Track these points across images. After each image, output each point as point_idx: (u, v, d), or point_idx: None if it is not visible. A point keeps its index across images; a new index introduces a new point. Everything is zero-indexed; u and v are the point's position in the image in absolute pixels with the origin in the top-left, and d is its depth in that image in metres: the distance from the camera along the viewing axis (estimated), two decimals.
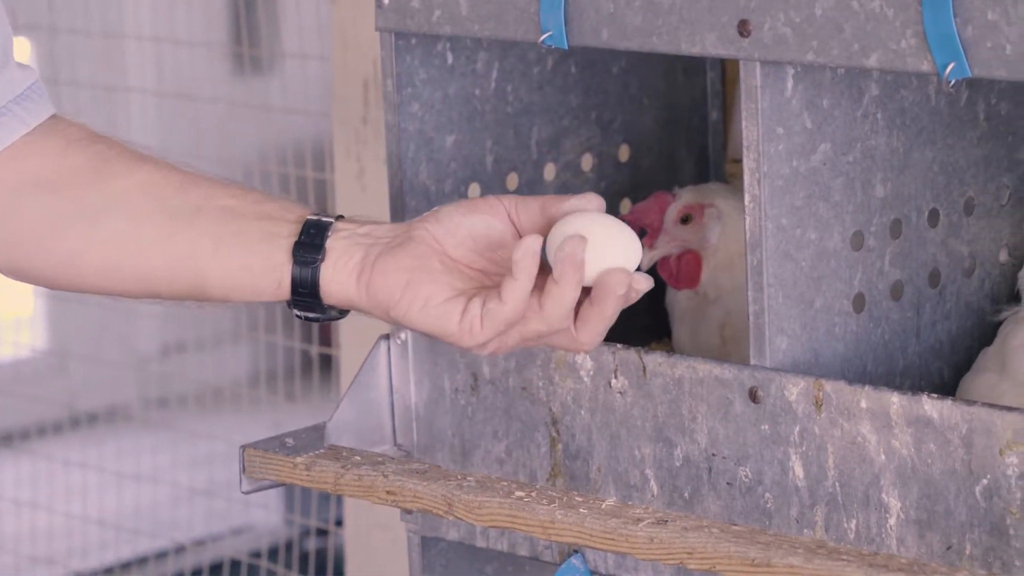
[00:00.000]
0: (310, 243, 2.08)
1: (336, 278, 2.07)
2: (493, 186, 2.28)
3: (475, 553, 2.26)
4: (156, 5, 4.87)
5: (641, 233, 2.27)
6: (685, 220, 2.32)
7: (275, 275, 2.09)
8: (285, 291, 2.10)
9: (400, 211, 2.23)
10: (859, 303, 2.04)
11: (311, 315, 2.11)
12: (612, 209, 2.29)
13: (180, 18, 4.86)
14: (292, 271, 2.09)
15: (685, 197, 2.33)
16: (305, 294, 2.08)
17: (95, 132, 2.22)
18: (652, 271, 2.32)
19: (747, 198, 1.97)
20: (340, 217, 2.11)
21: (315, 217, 2.09)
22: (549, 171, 2.35)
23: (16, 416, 5.10)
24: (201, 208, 2.17)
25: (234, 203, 2.17)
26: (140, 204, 2.17)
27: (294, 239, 2.09)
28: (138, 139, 4.67)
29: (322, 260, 2.08)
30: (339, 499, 2.88)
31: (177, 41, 4.76)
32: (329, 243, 2.08)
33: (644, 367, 2.04)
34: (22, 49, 5.02)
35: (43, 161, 2.21)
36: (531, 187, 2.32)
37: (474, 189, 2.26)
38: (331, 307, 2.11)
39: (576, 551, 2.08)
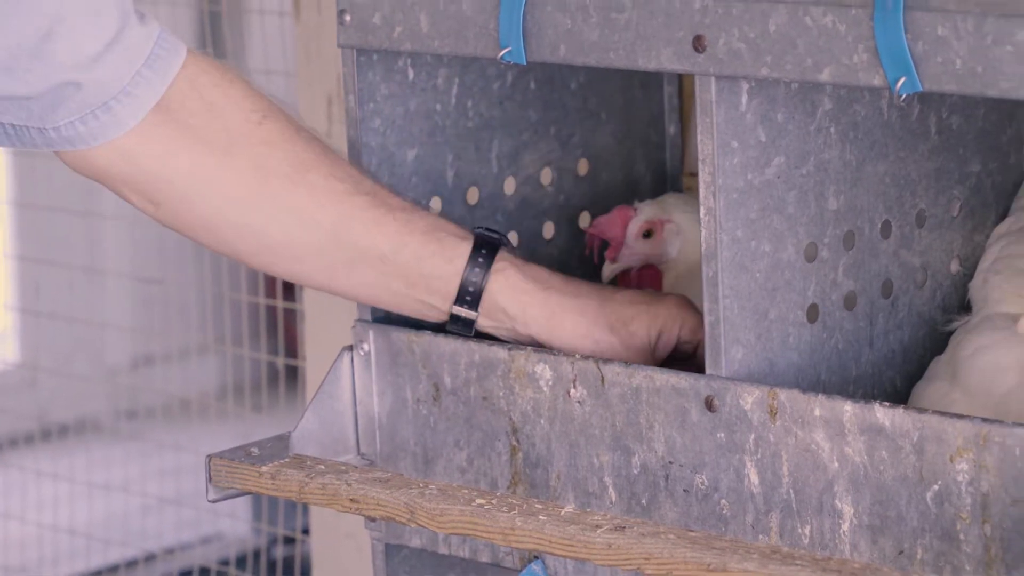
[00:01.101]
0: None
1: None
2: (454, 199, 2.30)
3: (438, 560, 2.26)
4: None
5: (603, 245, 2.33)
6: (647, 235, 2.32)
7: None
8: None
9: None
10: (813, 313, 2.05)
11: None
12: (572, 222, 2.43)
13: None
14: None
15: (646, 212, 2.33)
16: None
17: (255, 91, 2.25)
18: (613, 282, 2.34)
19: (703, 211, 1.96)
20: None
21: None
22: (509, 185, 2.35)
23: None
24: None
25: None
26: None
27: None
28: None
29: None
30: (305, 508, 2.90)
31: None
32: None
33: (602, 377, 2.04)
34: None
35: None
36: (491, 200, 2.34)
37: (435, 202, 2.27)
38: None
39: (536, 557, 2.08)
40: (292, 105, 2.96)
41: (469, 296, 2.17)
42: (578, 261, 2.41)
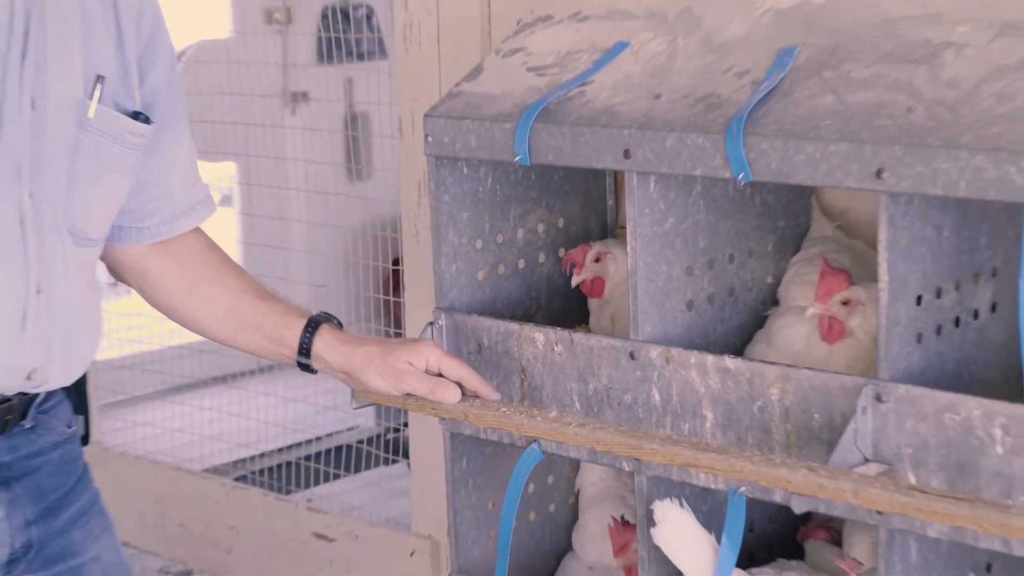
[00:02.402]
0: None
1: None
2: (489, 241, 2.21)
3: (479, 442, 2.18)
4: (311, 140, 4.72)
5: (572, 267, 2.25)
6: (597, 260, 2.24)
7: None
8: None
9: (439, 254, 2.15)
10: (690, 306, 2.02)
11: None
12: (553, 257, 2.32)
13: (323, 146, 4.78)
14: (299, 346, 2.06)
15: (596, 247, 2.25)
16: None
17: (212, 242, 2.12)
18: (578, 288, 2.27)
19: (628, 248, 1.95)
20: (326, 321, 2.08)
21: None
22: (520, 233, 2.26)
23: None
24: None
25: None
26: (221, 297, 2.07)
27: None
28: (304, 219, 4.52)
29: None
30: (406, 412, 2.74)
31: (319, 162, 4.65)
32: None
33: (572, 340, 2.02)
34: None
35: (196, 249, 2.09)
36: (510, 242, 2.25)
37: (478, 243, 2.19)
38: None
39: (535, 440, 2.03)
40: (398, 188, 2.94)
41: (304, 350, 2.03)
42: (559, 276, 2.32)
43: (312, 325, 2.03)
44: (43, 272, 1.78)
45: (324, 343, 2.03)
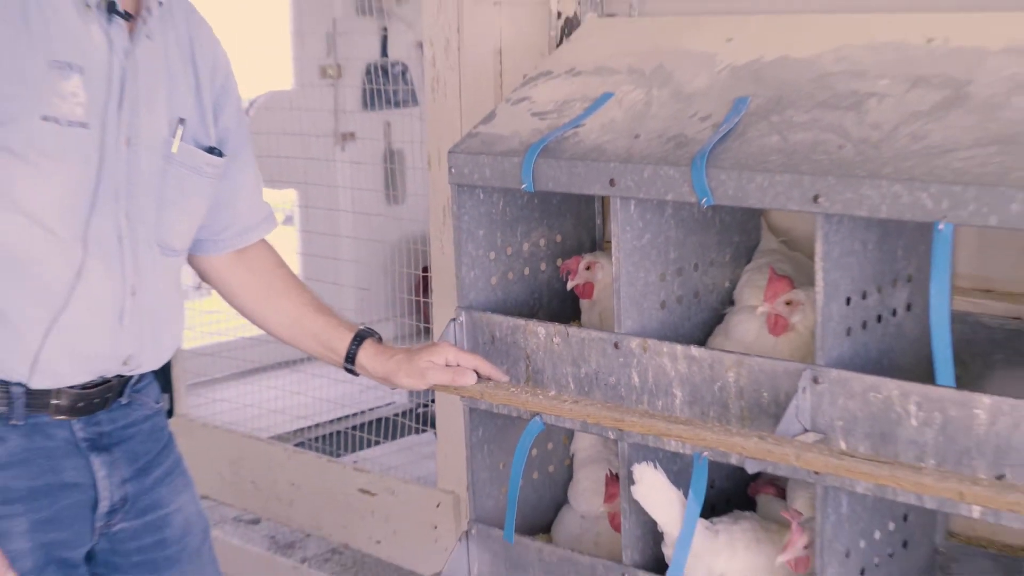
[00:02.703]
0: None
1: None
2: (500, 254, 2.19)
3: (492, 415, 2.16)
4: (357, 172, 4.69)
5: (567, 273, 2.22)
6: (588, 268, 2.21)
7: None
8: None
9: (460, 263, 2.14)
10: (663, 305, 2.01)
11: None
12: (552, 266, 2.28)
13: (367, 176, 4.75)
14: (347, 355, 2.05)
15: (587, 258, 2.23)
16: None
17: (282, 261, 2.11)
18: (572, 290, 2.24)
19: (613, 259, 1.94)
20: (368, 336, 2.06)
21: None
22: (525, 247, 2.23)
23: None
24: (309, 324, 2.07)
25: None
26: (287, 308, 2.06)
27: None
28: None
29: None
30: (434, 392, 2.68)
31: (363, 189, 4.61)
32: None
33: (568, 333, 2.00)
34: None
35: (269, 265, 2.08)
36: (517, 254, 2.22)
37: (493, 257, 2.18)
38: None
39: (537, 414, 2.02)
40: (428, 210, 2.91)
41: (350, 358, 2.03)
42: (557, 281, 2.28)
43: (358, 339, 2.04)
44: (137, 277, 1.79)
45: (366, 355, 2.03)
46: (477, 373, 2.05)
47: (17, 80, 1.62)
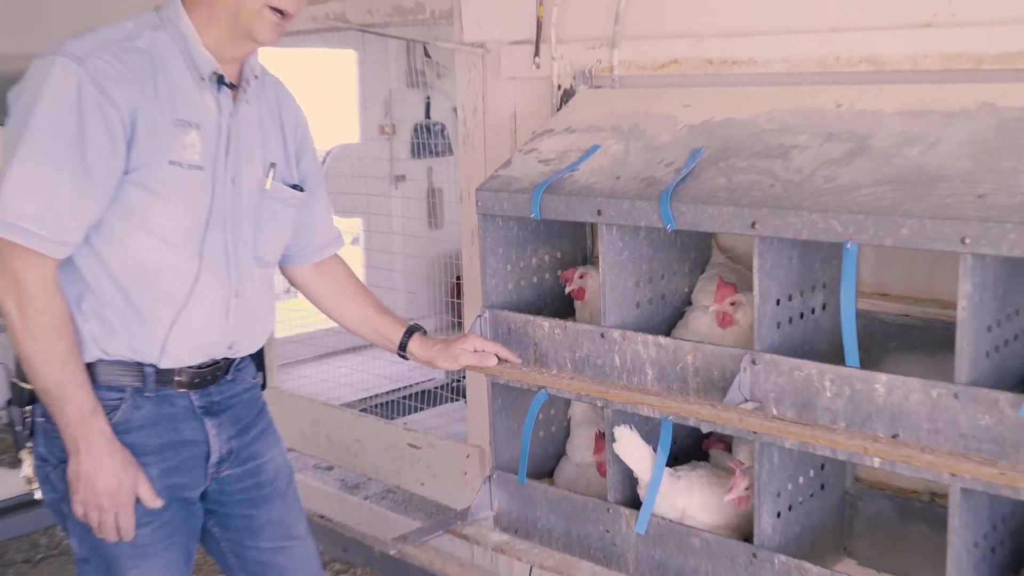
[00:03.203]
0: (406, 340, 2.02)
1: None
2: (515, 266, 2.15)
3: (508, 388, 2.12)
4: (407, 205, 4.62)
5: (565, 281, 2.18)
6: (581, 276, 2.17)
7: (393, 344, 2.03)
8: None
9: (484, 273, 2.10)
10: (638, 305, 1.98)
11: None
12: (553, 275, 2.24)
13: (414, 208, 4.65)
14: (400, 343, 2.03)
15: (580, 269, 2.19)
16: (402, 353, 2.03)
17: (352, 272, 2.08)
18: (569, 294, 2.19)
19: (600, 270, 1.92)
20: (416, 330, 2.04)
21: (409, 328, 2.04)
22: (533, 261, 2.19)
23: None
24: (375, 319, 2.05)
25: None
26: (356, 309, 2.04)
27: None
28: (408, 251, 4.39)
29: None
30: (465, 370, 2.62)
31: (411, 217, 4.57)
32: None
33: (566, 326, 1.98)
34: None
35: (341, 276, 2.06)
36: (528, 267, 2.18)
37: (509, 268, 2.14)
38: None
39: (542, 388, 1.99)
40: (459, 233, 2.87)
41: (402, 346, 2.02)
42: (557, 287, 2.23)
43: (408, 332, 2.03)
44: (239, 283, 1.79)
45: (414, 344, 2.03)
46: (498, 357, 2.03)
47: (152, 135, 1.64)
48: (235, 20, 1.68)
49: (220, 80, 1.72)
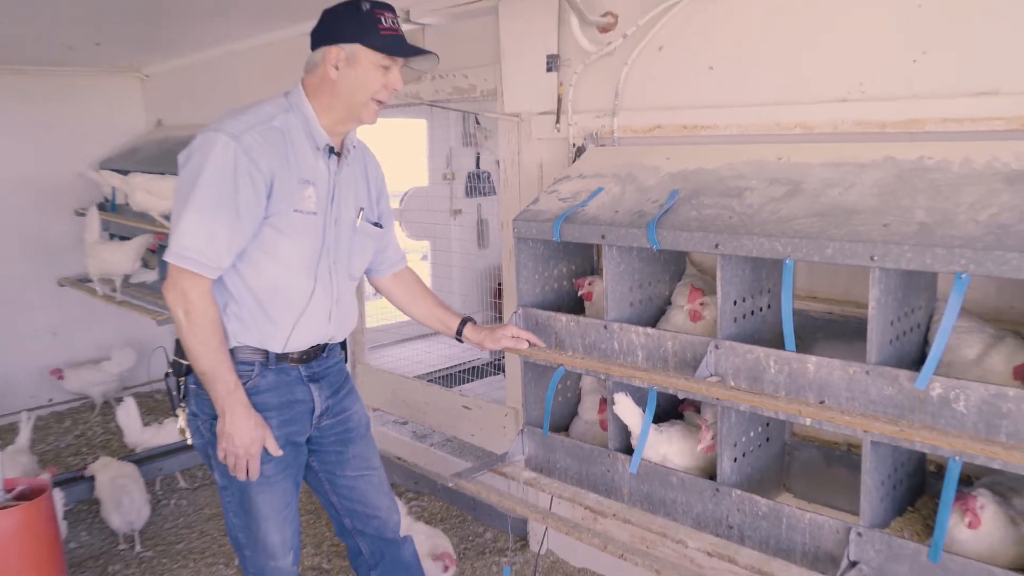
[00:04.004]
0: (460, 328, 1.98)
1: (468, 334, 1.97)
2: (541, 276, 2.08)
3: (536, 366, 2.07)
4: (463, 231, 4.58)
5: (578, 288, 2.11)
6: (590, 284, 2.10)
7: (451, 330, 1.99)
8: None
9: (518, 281, 2.03)
10: (632, 304, 1.93)
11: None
12: (570, 282, 2.13)
13: (467, 233, 4.60)
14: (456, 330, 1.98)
15: (589, 278, 2.12)
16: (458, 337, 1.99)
17: (420, 279, 2.03)
18: (580, 296, 2.12)
19: (604, 279, 1.89)
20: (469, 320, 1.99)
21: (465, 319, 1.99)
22: (555, 272, 2.12)
23: None
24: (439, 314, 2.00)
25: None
26: (424, 308, 2.01)
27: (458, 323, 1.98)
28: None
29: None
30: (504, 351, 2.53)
31: (465, 239, 4.54)
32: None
33: (578, 320, 1.93)
34: None
35: (412, 283, 2.03)
36: (551, 277, 2.09)
37: (537, 277, 2.05)
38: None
39: (561, 365, 1.94)
40: (501, 252, 2.78)
41: (459, 332, 1.98)
42: (572, 291, 2.16)
43: (463, 322, 2.01)
44: (338, 294, 1.82)
45: (468, 330, 2.00)
46: (528, 342, 2.00)
47: (284, 191, 1.69)
48: (349, 108, 1.71)
49: (331, 150, 1.76)
